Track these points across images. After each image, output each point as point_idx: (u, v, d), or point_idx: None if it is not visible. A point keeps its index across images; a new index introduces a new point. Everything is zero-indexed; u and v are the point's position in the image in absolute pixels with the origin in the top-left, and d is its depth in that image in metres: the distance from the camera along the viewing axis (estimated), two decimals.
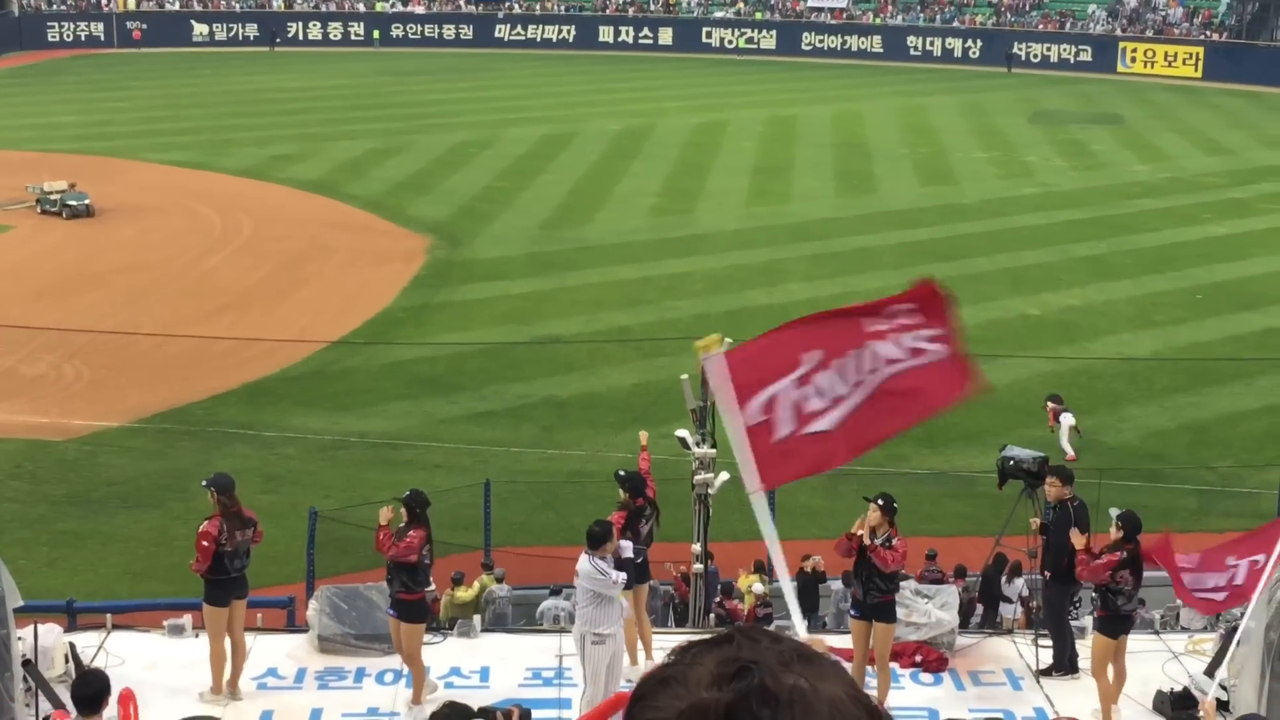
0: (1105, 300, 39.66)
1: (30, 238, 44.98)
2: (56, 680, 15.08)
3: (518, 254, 43.84)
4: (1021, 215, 49.93)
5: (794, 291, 40.17)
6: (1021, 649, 17.23)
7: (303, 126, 64.52)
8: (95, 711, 11.12)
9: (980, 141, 64.54)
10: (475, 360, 34.02)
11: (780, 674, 1.95)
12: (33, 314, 35.54)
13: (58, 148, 57.53)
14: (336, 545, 21.90)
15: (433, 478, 25.59)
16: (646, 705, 1.97)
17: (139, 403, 31.02)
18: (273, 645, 17.12)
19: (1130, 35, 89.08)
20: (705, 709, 1.91)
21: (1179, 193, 54.06)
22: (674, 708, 1.93)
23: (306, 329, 35.85)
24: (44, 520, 25.80)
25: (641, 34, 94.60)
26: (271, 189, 52.23)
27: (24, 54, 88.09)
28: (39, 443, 29.06)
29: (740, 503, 23.62)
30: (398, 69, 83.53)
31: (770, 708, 1.91)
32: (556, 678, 16.22)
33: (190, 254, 43.52)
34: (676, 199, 51.88)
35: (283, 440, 29.25)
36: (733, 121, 68.22)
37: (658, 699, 1.96)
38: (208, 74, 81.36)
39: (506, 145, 60.97)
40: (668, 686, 1.97)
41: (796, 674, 1.96)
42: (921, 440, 30.16)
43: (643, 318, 37.06)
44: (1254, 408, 31.88)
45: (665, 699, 1.95)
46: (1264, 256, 44.48)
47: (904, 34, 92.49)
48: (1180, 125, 69.57)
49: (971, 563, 22.72)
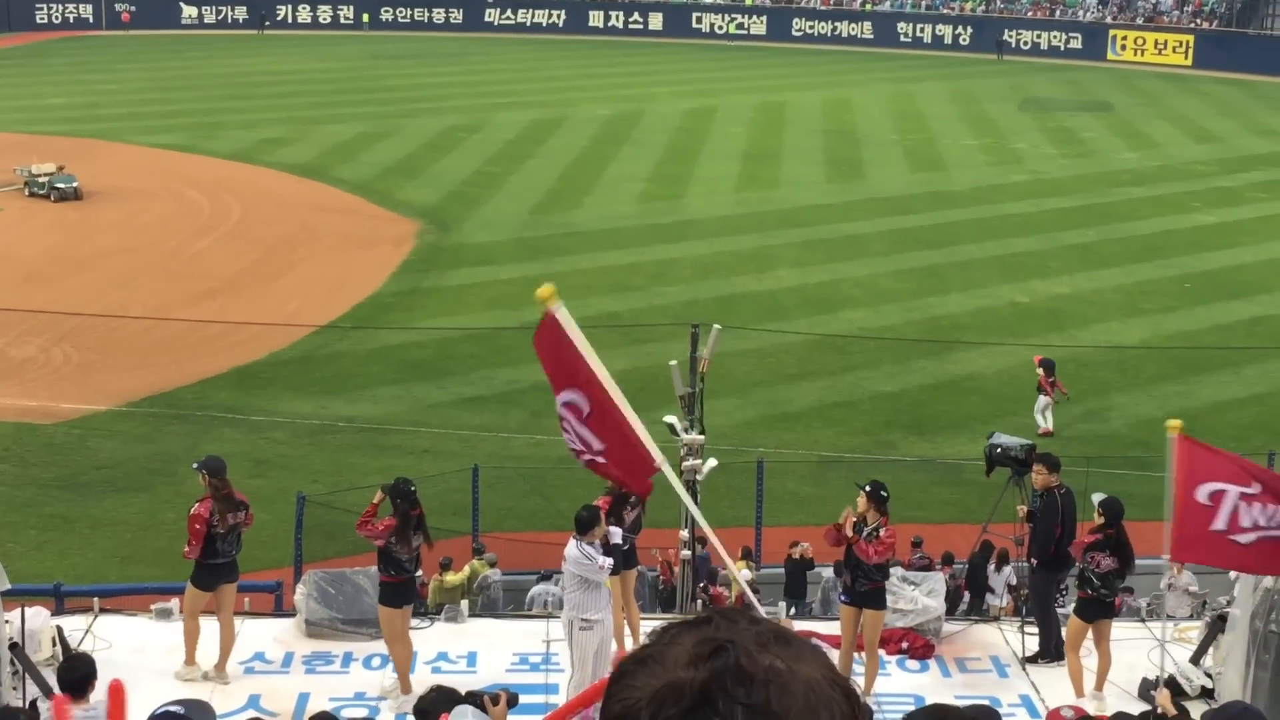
0: (1094, 288, 39.73)
1: (19, 220, 44.88)
2: (44, 664, 15.07)
3: (507, 239, 43.82)
4: (1011, 203, 49.97)
5: (783, 278, 40.21)
6: (1008, 636, 17.28)
7: (292, 110, 64.41)
8: (82, 695, 11.12)
9: (970, 128, 64.56)
10: (464, 345, 34.01)
11: (757, 654, 1.96)
12: (21, 297, 35.47)
13: (46, 130, 57.37)
14: (324, 530, 21.91)
15: (421, 463, 25.61)
16: (625, 684, 1.99)
17: (127, 386, 30.99)
18: (260, 629, 17.13)
19: (1120, 23, 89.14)
20: (681, 687, 1.93)
21: (1168, 181, 54.14)
22: (651, 686, 1.96)
23: (295, 313, 35.83)
24: (32, 504, 25.78)
25: (631, 19, 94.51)
26: (260, 172, 52.15)
27: (12, 35, 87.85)
28: (27, 426, 29.03)
29: (728, 490, 23.81)
30: (387, 52, 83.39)
31: (745, 686, 1.93)
32: (544, 663, 16.25)
33: (179, 237, 43.45)
34: (666, 185, 51.87)
35: (271, 425, 29.24)
36: (722, 107, 68.18)
37: (636, 678, 1.98)
38: (196, 56, 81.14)
39: (496, 130, 60.91)
40: (646, 666, 2.00)
41: (773, 655, 1.97)
42: (910, 428, 30.26)
43: (631, 304, 37.05)
44: (1241, 396, 31.97)
45: (643, 678, 1.98)
46: (1253, 245, 44.57)
47: (894, 20, 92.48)
48: (1170, 113, 69.64)
49: (959, 550, 22.76)
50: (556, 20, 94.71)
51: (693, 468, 17.29)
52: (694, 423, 17.06)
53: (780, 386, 31.87)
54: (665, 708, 1.92)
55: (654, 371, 25.97)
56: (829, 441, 28.88)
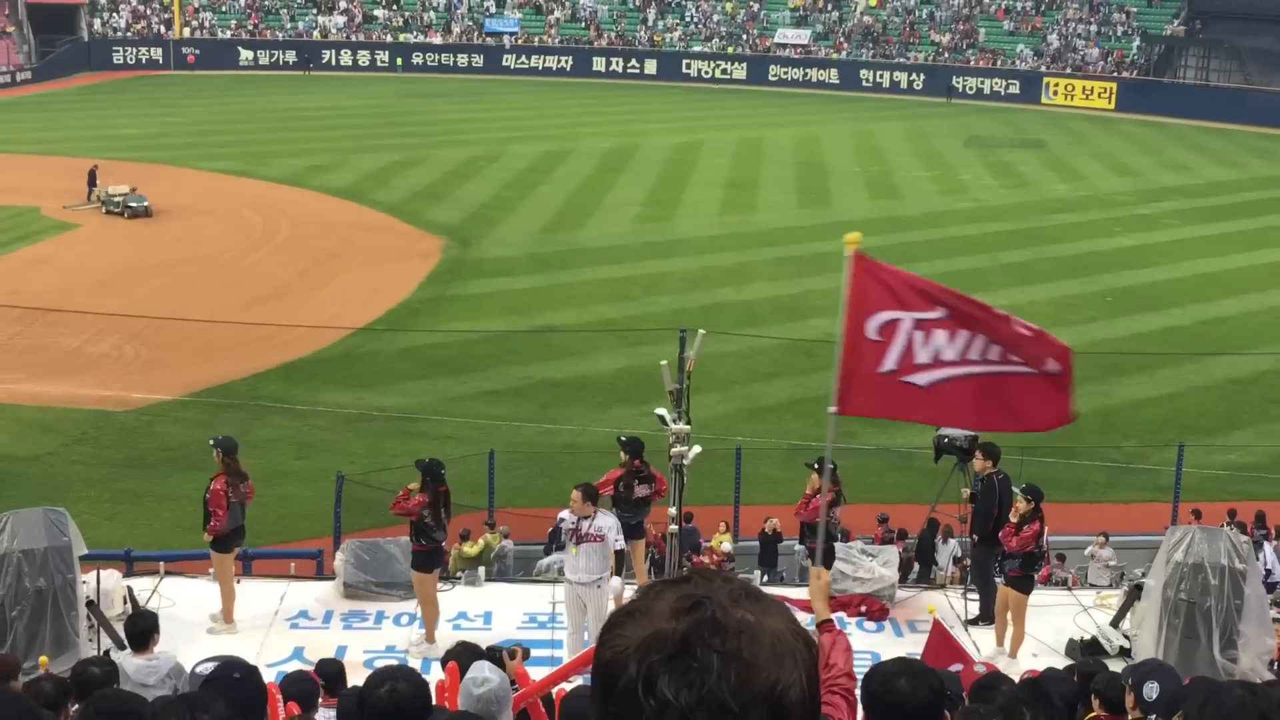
0: (1029, 301, 39.65)
1: (95, 235, 44.81)
2: (116, 619, 15.08)
3: (520, 254, 43.77)
4: (957, 226, 49.96)
5: (759, 290, 40.20)
6: (952, 601, 17.31)
7: (333, 141, 64.32)
8: (144, 647, 11.16)
9: (922, 162, 64.54)
10: (482, 346, 33.98)
11: (730, 608, 1.98)
12: (98, 301, 35.46)
13: (120, 156, 57.28)
14: (360, 505, 21.87)
15: (444, 447, 25.55)
16: (616, 634, 2.01)
17: (189, 379, 30.96)
18: (304, 591, 17.16)
19: (1053, 71, 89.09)
20: (664, 636, 1.95)
21: (1093, 209, 54.13)
22: (637, 636, 1.97)
23: (335, 317, 35.79)
24: (106, 480, 25.76)
25: (629, 64, 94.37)
26: (306, 195, 52.07)
27: (93, 74, 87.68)
28: (102, 413, 29.00)
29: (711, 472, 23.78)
30: (417, 91, 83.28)
31: (720, 636, 1.95)
32: (550, 622, 16.27)
33: (234, 250, 43.40)
34: (658, 208, 51.82)
35: (314, 413, 29.21)
36: (707, 142, 68.14)
37: (625, 628, 2.00)
38: (251, 94, 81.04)
39: (511, 160, 60.84)
40: (634, 618, 2.02)
41: (744, 609, 1.99)
42: (868, 420, 30.22)
43: (627, 311, 37.04)
44: (1155, 396, 32.01)
45: (630, 629, 2.00)
46: (1165, 265, 44.61)
47: (857, 68, 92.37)
48: (1095, 150, 69.64)
49: (910, 527, 22.80)
50: (565, 65, 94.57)
51: (680, 454, 17.28)
52: (681, 414, 17.02)
53: (756, 384, 31.87)
54: (650, 654, 1.94)
55: (646, 370, 26.02)
56: (798, 432, 28.86)
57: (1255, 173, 64.75)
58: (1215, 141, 74.51)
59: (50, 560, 13.75)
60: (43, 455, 26.74)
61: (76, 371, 31.14)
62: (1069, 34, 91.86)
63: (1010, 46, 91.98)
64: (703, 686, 1.91)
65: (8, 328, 33.54)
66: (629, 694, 1.94)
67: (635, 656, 1.96)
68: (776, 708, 1.94)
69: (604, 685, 1.98)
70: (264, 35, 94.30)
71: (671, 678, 1.92)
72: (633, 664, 1.95)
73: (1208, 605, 14.23)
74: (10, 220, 46.18)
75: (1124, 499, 25.75)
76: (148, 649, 11.14)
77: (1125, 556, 21.80)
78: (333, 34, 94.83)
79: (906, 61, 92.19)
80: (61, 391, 29.82)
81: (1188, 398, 32.11)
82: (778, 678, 1.94)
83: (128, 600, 15.77)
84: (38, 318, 33.72)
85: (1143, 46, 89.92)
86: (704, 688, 1.91)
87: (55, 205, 47.86)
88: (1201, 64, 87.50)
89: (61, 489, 24.26)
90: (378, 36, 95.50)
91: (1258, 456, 28.53)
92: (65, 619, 13.78)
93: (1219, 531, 15.72)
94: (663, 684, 1.92)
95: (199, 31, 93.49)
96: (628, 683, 1.94)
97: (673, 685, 1.91)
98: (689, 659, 1.93)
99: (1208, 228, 51.06)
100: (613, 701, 1.96)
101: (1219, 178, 62.84)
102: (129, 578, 16.76)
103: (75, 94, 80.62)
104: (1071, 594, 17.87)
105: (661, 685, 1.91)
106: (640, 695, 1.92)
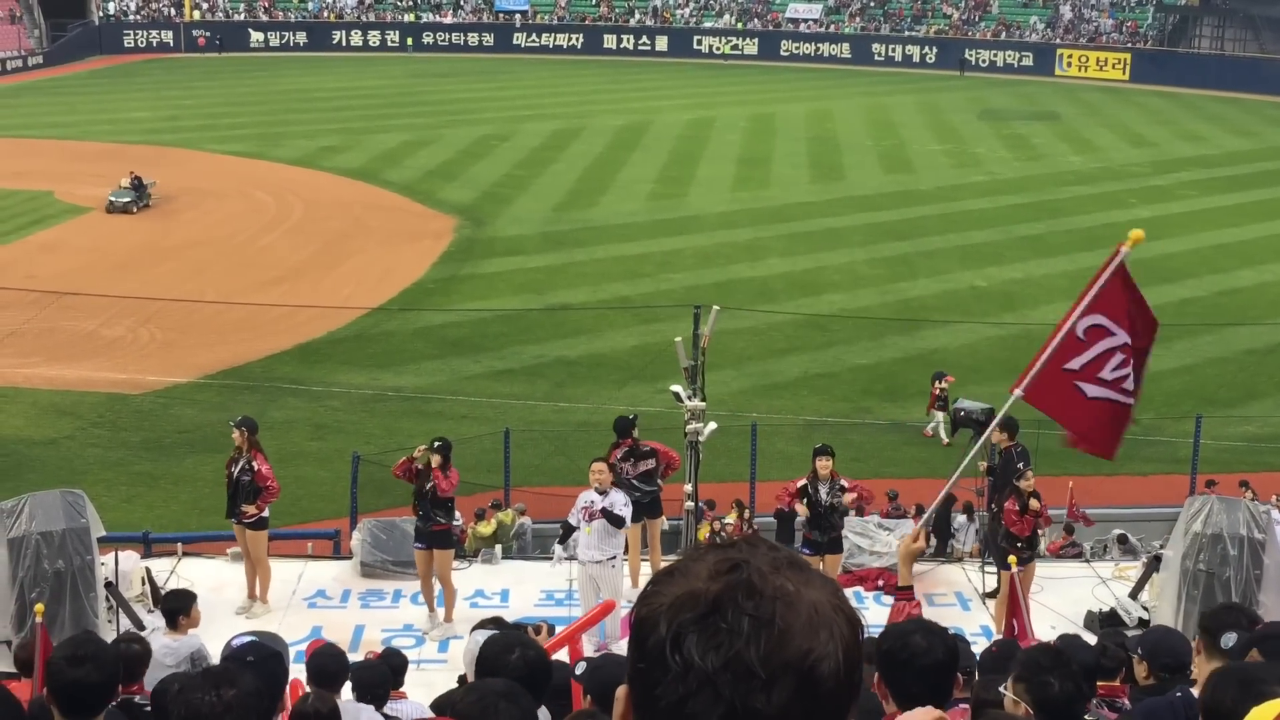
0: (1043, 274, 39.59)
1: (109, 218, 44.76)
2: (134, 600, 15.14)
3: (533, 233, 43.73)
4: (971, 200, 49.79)
5: (773, 265, 40.12)
6: (970, 575, 17.29)
7: (346, 121, 64.25)
8: (174, 625, 11.26)
9: (935, 135, 64.31)
10: (496, 325, 33.97)
11: (769, 574, 1.95)
12: (112, 284, 35.50)
13: (131, 139, 57.33)
14: (376, 485, 21.90)
15: (459, 427, 25.61)
16: (655, 590, 2.00)
17: (204, 361, 31.00)
18: (321, 570, 17.20)
19: (1066, 43, 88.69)
20: (698, 596, 1.93)
21: (1108, 180, 53.90)
22: (671, 594, 1.96)
23: (349, 297, 35.80)
24: (123, 463, 25.82)
25: (641, 41, 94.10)
26: (319, 176, 52.04)
27: (104, 58, 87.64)
28: (118, 395, 29.07)
29: (726, 449, 23.76)
30: (429, 71, 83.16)
31: (754, 600, 1.92)
32: (567, 599, 16.28)
33: (248, 232, 43.41)
34: (670, 185, 51.72)
35: (329, 394, 29.25)
36: (720, 118, 67.96)
37: (664, 585, 1.99)
38: (263, 76, 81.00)
39: (523, 138, 60.75)
40: (672, 576, 2.00)
41: (785, 577, 1.96)
42: (884, 395, 30.20)
43: (641, 289, 36.98)
44: (1172, 368, 31.82)
45: (667, 586, 1.98)
46: (1181, 236, 44.36)
47: (870, 42, 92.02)
48: (1110, 121, 69.32)
49: (927, 501, 22.71)
50: (575, 43, 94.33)
51: (695, 430, 17.27)
52: (696, 391, 17.01)
53: (771, 360, 31.82)
54: (682, 612, 1.93)
55: (661, 347, 25.97)
56: (814, 407, 28.85)
57: (1271, 142, 64.40)
58: (1230, 111, 74.11)
59: (69, 542, 13.79)
60: (60, 438, 26.81)
61: (92, 355, 31.21)
62: (1082, 4, 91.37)
63: (1023, 18, 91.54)
64: (730, 649, 1.88)
65: (23, 312, 33.61)
66: (658, 651, 1.92)
67: (666, 615, 1.94)
68: (807, 679, 1.90)
69: (637, 641, 1.98)
70: (276, 17, 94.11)
71: (699, 638, 1.90)
72: (663, 622, 1.94)
73: (1227, 575, 14.19)
74: (24, 204, 46.23)
75: (1142, 471, 25.66)
76: (177, 629, 11.24)
77: (1142, 529, 21.72)
78: (346, 14, 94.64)
79: (919, 35, 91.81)
80: (77, 375, 29.89)
81: (1205, 369, 31.97)
82: (811, 648, 1.91)
83: (146, 581, 15.82)
84: (53, 301, 33.78)
85: (1157, 16, 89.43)
86: (731, 650, 1.88)
87: (68, 189, 47.85)
88: (1216, 33, 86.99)
89: (79, 471, 24.33)
90: (392, 17, 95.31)
91: (1276, 428, 28.42)
92: (84, 600, 13.82)
93: (1238, 502, 15.66)
94: (690, 644, 1.90)
95: (211, 14, 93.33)
96: (657, 640, 1.93)
97: (700, 646, 1.89)
98: (718, 620, 1.91)
99: (1224, 198, 50.84)
100: (642, 658, 1.95)
101: (1235, 148, 62.54)
102: (147, 559, 16.81)
103: (86, 77, 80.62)
104: (1090, 566, 17.83)
105: (689, 645, 1.90)
106: (668, 654, 1.91)
